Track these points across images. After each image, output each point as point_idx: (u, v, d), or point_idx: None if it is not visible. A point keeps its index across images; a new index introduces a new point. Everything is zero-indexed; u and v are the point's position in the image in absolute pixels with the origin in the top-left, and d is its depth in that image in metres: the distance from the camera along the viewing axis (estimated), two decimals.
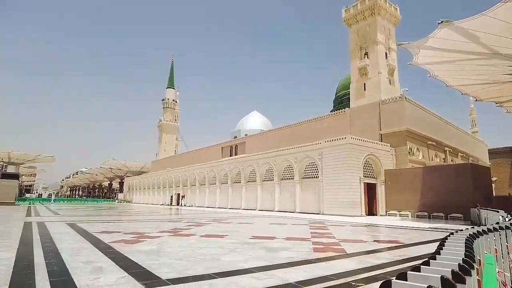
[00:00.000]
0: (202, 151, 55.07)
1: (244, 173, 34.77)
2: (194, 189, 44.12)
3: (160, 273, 4.67)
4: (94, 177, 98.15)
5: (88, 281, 4.15)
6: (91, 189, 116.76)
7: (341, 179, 23.77)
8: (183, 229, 11.69)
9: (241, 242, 8.44)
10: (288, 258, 6.22)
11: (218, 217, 20.19)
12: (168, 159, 69.83)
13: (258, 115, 65.69)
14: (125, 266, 5.15)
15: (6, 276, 4.44)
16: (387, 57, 38.09)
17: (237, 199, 35.48)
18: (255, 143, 43.03)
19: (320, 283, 4.34)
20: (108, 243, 7.68)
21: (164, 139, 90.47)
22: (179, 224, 14.11)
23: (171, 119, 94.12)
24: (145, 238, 8.81)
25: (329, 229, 12.64)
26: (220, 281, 4.32)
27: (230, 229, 12.49)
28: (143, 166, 77.65)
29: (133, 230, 11.15)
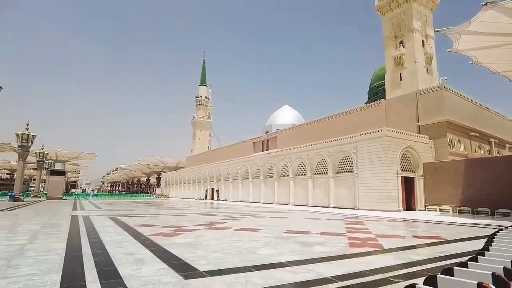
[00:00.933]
0: (234, 147, 55.69)
1: (276, 168, 34.78)
2: (228, 184, 44.79)
3: (197, 265, 4.81)
4: (133, 173, 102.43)
5: (131, 272, 4.36)
6: (130, 185, 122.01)
7: (377, 173, 23.11)
8: (218, 223, 11.94)
9: (275, 236, 8.48)
10: (323, 252, 6.17)
11: (252, 211, 20.38)
12: (202, 155, 71.34)
13: (290, 109, 65.29)
14: (164, 258, 5.36)
15: (60, 264, 4.79)
16: (424, 45, 36.32)
17: (269, 193, 35.60)
18: (287, 137, 42.83)
19: (357, 278, 4.27)
20: (148, 236, 8.01)
21: (198, 136, 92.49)
22: (214, 218, 14.42)
23: (204, 116, 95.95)
24: (182, 231, 9.10)
25: (365, 224, 12.37)
26: (256, 274, 4.37)
27: (264, 223, 12.58)
28: (178, 162, 79.89)
29: (170, 223, 11.55)
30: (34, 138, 30.57)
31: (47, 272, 4.28)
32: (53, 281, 3.85)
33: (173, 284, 3.82)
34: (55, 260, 5.09)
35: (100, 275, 4.15)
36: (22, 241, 6.93)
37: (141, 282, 3.86)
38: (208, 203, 35.19)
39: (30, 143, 30.17)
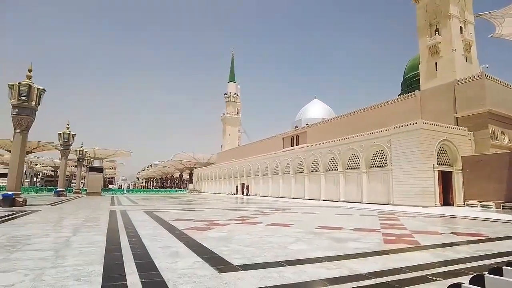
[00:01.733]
0: (263, 142, 55.84)
1: (306, 163, 34.50)
2: (258, 179, 45.04)
3: (231, 259, 4.90)
4: (166, 169, 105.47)
5: (167, 265, 4.52)
6: (163, 180, 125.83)
7: (412, 167, 22.29)
8: (249, 218, 12.06)
9: (307, 231, 8.45)
10: (357, 249, 6.07)
11: (282, 206, 20.39)
12: (232, 150, 72.18)
13: (319, 103, 64.31)
14: (198, 251, 5.51)
15: (101, 255, 5.06)
16: (462, 32, 34.37)
17: (300, 189, 35.41)
18: (317, 132, 42.30)
19: (393, 275, 4.17)
20: (182, 229, 8.25)
21: (227, 132, 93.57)
22: (245, 213, 14.57)
23: (233, 112, 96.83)
24: (215, 226, 9.29)
25: (400, 220, 12.01)
26: (289, 269, 4.39)
27: (295, 218, 12.55)
28: (209, 158, 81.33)
29: (203, 218, 11.81)
30: (74, 137, 32.26)
31: (91, 263, 4.54)
32: (97, 272, 4.08)
33: (208, 277, 3.92)
34: (97, 252, 5.38)
35: (138, 267, 4.34)
36: (67, 234, 7.38)
37: (177, 274, 4.00)
38: (238, 198, 35.59)
39: (71, 141, 31.88)
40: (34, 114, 16.72)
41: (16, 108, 15.99)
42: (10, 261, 4.59)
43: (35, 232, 7.62)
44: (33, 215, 11.96)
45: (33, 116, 16.65)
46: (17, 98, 15.90)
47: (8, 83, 15.96)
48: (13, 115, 16.01)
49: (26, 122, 16.24)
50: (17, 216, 11.31)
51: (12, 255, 4.98)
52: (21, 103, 16.00)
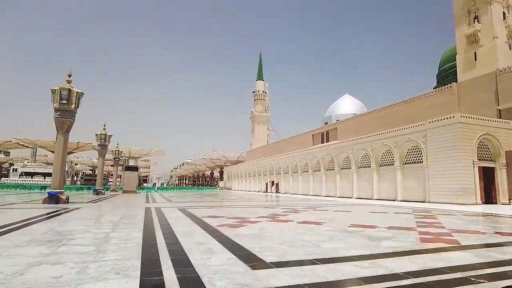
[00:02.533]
0: (293, 139, 55.50)
1: (337, 160, 33.92)
2: (288, 176, 44.87)
3: (263, 256, 4.93)
4: (198, 167, 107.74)
5: (201, 261, 4.62)
6: (195, 178, 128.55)
7: (450, 163, 21.29)
8: (280, 215, 12.05)
9: (340, 229, 8.31)
10: (392, 247, 5.90)
11: (313, 204, 20.19)
12: (261, 148, 72.38)
13: (350, 99, 62.90)
14: (231, 248, 5.58)
15: (138, 251, 5.26)
16: (505, 18, 32.24)
17: (331, 187, 34.90)
18: (348, 128, 41.44)
19: (431, 275, 4.01)
20: (215, 226, 8.40)
21: (256, 130, 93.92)
22: (276, 210, 14.57)
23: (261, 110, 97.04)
24: (247, 223, 9.37)
25: (438, 219, 11.51)
26: (322, 267, 4.34)
27: (327, 216, 12.38)
28: (239, 156, 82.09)
29: (235, 215, 11.95)
30: (111, 137, 33.71)
31: (129, 258, 4.73)
32: (135, 266, 4.25)
33: (241, 273, 3.96)
34: (134, 247, 5.59)
35: (174, 263, 4.47)
36: (106, 230, 7.73)
37: (212, 271, 4.07)
38: (268, 196, 35.65)
39: (107, 142, 33.36)
40: (74, 116, 17.63)
41: (58, 111, 16.94)
42: (57, 255, 4.88)
43: (77, 228, 8.06)
44: (75, 212, 12.64)
45: (73, 118, 17.56)
46: (59, 101, 16.84)
47: (50, 88, 16.95)
48: (55, 118, 16.98)
49: (67, 124, 17.16)
50: (61, 212, 12.00)
51: (59, 249, 5.29)
52: (62, 106, 16.92)
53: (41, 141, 61.68)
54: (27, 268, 4.11)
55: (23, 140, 63.49)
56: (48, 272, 3.92)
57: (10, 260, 4.52)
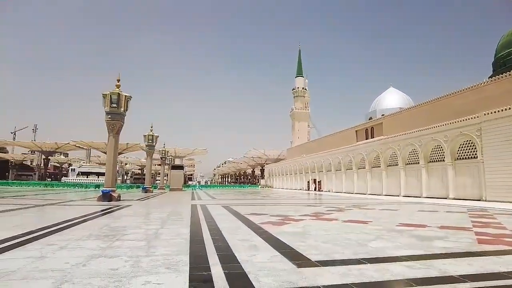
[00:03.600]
0: (335, 136, 54.25)
1: (383, 157, 32.66)
2: (330, 174, 44.04)
3: (308, 255, 4.89)
4: (239, 166, 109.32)
5: (247, 257, 4.69)
6: (237, 176, 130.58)
7: (509, 158, 19.59)
8: (324, 214, 11.87)
9: (387, 229, 8.01)
10: (445, 248, 5.57)
11: (358, 202, 19.63)
12: (302, 146, 71.68)
13: (396, 92, 60.14)
14: (275, 245, 5.60)
15: (186, 247, 5.46)
16: None
17: (376, 184, 33.70)
18: (394, 123, 39.66)
19: (493, 280, 3.73)
20: (258, 224, 8.47)
21: (296, 127, 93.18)
22: (319, 209, 14.37)
23: (301, 107, 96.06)
24: (290, 221, 9.34)
25: (496, 218, 10.67)
26: (370, 267, 4.22)
27: (373, 215, 11.98)
28: (280, 154, 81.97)
29: (277, 213, 11.96)
30: (157, 138, 35.31)
31: (178, 253, 4.93)
32: (184, 261, 4.42)
33: (287, 271, 3.97)
34: (182, 243, 5.81)
35: (220, 259, 4.58)
36: (156, 226, 8.12)
37: (257, 267, 4.12)
38: (311, 194, 35.25)
39: (154, 142, 35.01)
40: (123, 118, 18.68)
41: (108, 114, 18.05)
42: (113, 249, 5.22)
43: (129, 224, 8.55)
44: (126, 209, 13.40)
45: (123, 120, 18.62)
46: (109, 105, 17.93)
47: (102, 93, 18.11)
48: (107, 121, 18.11)
49: (117, 126, 18.24)
50: (114, 210, 12.79)
51: (114, 244, 5.65)
52: (113, 110, 18.01)
53: (95, 143, 66.25)
54: (88, 260, 4.44)
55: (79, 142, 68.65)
56: (106, 265, 4.21)
57: (74, 252, 4.92)
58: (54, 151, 78.32)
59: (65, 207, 14.53)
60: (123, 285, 3.37)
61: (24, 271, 3.86)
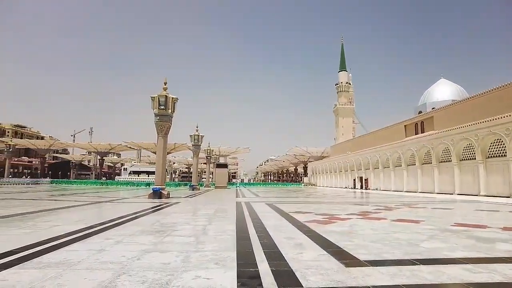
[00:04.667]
0: (382, 132, 52.16)
1: (435, 153, 30.81)
2: (378, 172, 42.45)
3: (356, 254, 4.77)
4: (282, 163, 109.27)
5: (293, 255, 4.68)
6: (280, 174, 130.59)
7: None
8: (371, 213, 11.49)
9: (441, 229, 7.55)
10: (509, 251, 5.13)
11: (408, 201, 18.72)
12: (346, 142, 69.84)
13: (448, 84, 56.38)
14: (322, 244, 5.53)
15: (233, 243, 5.59)
16: None
17: (428, 182, 31.89)
18: (446, 116, 37.23)
19: None
20: (303, 222, 8.42)
21: (340, 123, 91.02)
22: (366, 207, 13.94)
23: (345, 102, 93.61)
24: (336, 220, 9.17)
25: None
26: (424, 268, 4.01)
27: (425, 214, 11.38)
28: (323, 151, 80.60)
29: (323, 211, 11.79)
30: (203, 138, 36.42)
31: (225, 250, 5.05)
32: (231, 258, 4.53)
33: (334, 270, 3.90)
34: (229, 240, 5.96)
35: (267, 256, 4.63)
36: (203, 222, 8.39)
37: (304, 265, 4.11)
38: (357, 192, 34.25)
39: (200, 142, 36.16)
40: (171, 120, 19.49)
41: (157, 116, 18.93)
42: (164, 244, 5.49)
43: (178, 220, 8.92)
44: (175, 206, 13.99)
45: (170, 121, 19.43)
46: (158, 107, 18.80)
47: (150, 96, 19.04)
48: (156, 122, 19.01)
49: (165, 127, 19.07)
50: (163, 207, 13.41)
51: (165, 239, 5.94)
52: (161, 112, 18.86)
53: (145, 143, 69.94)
54: (142, 254, 4.72)
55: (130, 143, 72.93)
56: (159, 259, 4.44)
57: (129, 247, 5.25)
58: (108, 152, 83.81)
59: (119, 204, 15.51)
60: (175, 278, 3.54)
61: (87, 262, 4.20)
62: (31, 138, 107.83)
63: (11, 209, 11.09)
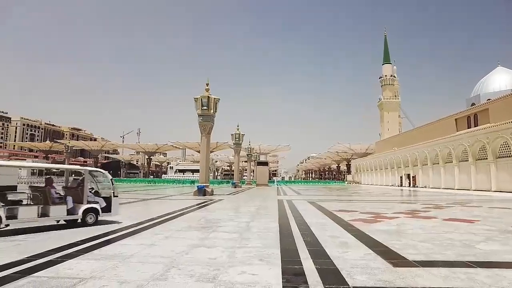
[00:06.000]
0: (430, 126, 49.24)
1: (491, 148, 28.55)
2: (426, 168, 40.26)
3: (405, 254, 4.60)
4: (323, 161, 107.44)
5: (338, 254, 4.63)
6: (321, 172, 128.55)
7: None
8: (420, 211, 10.95)
9: (499, 229, 7.02)
10: None
11: (460, 199, 17.58)
12: (392, 138, 66.93)
13: (505, 72, 51.83)
14: (368, 243, 5.39)
15: (276, 240, 5.64)
16: None
17: (483, 179, 29.64)
18: (505, 108, 34.26)
19: None
20: (348, 221, 8.25)
21: (386, 118, 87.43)
22: (414, 206, 13.32)
23: (390, 96, 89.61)
24: (382, 218, 8.87)
25: None
26: (480, 271, 3.77)
27: (480, 214, 10.63)
28: (367, 148, 77.98)
29: (368, 210, 11.46)
30: (243, 136, 36.90)
31: (269, 246, 5.11)
32: (275, 255, 4.57)
33: (382, 270, 3.80)
34: (272, 237, 6.01)
35: (311, 254, 4.61)
36: (246, 219, 8.54)
37: (349, 264, 4.04)
38: (404, 190, 32.78)
39: (241, 140, 36.69)
40: (213, 119, 19.97)
41: (200, 116, 19.51)
42: (210, 240, 5.68)
43: (222, 217, 9.16)
44: (219, 203, 14.35)
45: (213, 121, 19.92)
46: (201, 108, 19.36)
47: (193, 97, 19.66)
48: (199, 122, 19.59)
49: (208, 127, 19.60)
50: (208, 204, 13.82)
51: (210, 235, 6.14)
52: (204, 112, 19.40)
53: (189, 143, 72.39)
54: (190, 249, 4.93)
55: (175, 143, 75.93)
56: (206, 254, 4.61)
57: (178, 242, 5.51)
58: (154, 152, 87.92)
59: (166, 201, 16.26)
60: (221, 273, 3.66)
61: (139, 255, 4.47)
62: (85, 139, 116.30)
63: None
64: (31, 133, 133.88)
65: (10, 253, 4.52)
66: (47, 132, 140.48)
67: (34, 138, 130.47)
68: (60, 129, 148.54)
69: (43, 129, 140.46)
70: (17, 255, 4.40)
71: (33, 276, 3.49)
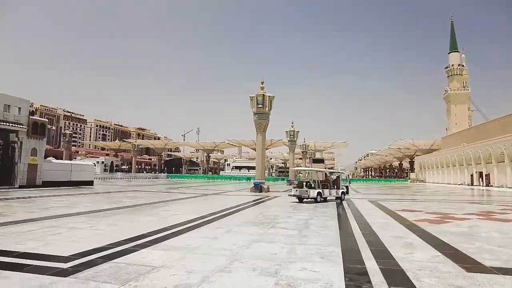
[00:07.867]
0: (506, 120, 44.33)
1: None
2: (503, 166, 36.39)
3: (480, 259, 4.24)
4: (384, 158, 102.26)
5: (403, 255, 4.42)
6: (382, 169, 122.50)
7: None
8: (496, 213, 9.97)
9: None
10: None
11: None
12: (461, 133, 61.49)
13: None
14: (435, 245, 5.07)
15: (336, 238, 5.57)
16: None
17: None
18: None
19: None
20: (412, 221, 7.81)
21: (453, 111, 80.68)
22: (489, 207, 12.15)
23: (459, 87, 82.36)
24: (450, 219, 8.25)
25: None
26: None
27: None
28: (432, 144, 72.54)
29: (434, 210, 10.72)
30: (298, 133, 36.64)
31: (329, 245, 5.06)
32: (336, 253, 4.52)
33: (453, 274, 3.56)
34: (332, 235, 5.93)
35: (374, 254, 4.47)
36: (304, 217, 8.50)
37: (416, 266, 3.85)
38: (475, 190, 29.99)
39: (296, 137, 36.48)
40: (268, 117, 20.17)
41: (256, 114, 19.83)
42: (269, 235, 5.79)
43: (280, 213, 9.24)
44: (275, 199, 14.48)
45: (268, 119, 20.13)
46: (256, 106, 19.68)
47: (249, 96, 20.04)
48: (255, 120, 19.93)
49: (263, 124, 19.85)
50: (264, 200, 14.02)
51: (269, 231, 6.25)
52: (259, 110, 19.68)
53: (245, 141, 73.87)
54: (250, 243, 5.07)
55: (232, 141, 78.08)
56: (266, 249, 4.71)
57: (238, 236, 5.69)
58: (213, 149, 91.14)
59: (225, 196, 16.79)
60: (283, 268, 3.72)
61: (203, 248, 4.72)
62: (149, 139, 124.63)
63: (139, 200, 13.05)
64: (103, 133, 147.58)
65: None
66: (116, 132, 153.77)
67: (105, 138, 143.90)
68: (127, 129, 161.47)
69: (113, 130, 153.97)
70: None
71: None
